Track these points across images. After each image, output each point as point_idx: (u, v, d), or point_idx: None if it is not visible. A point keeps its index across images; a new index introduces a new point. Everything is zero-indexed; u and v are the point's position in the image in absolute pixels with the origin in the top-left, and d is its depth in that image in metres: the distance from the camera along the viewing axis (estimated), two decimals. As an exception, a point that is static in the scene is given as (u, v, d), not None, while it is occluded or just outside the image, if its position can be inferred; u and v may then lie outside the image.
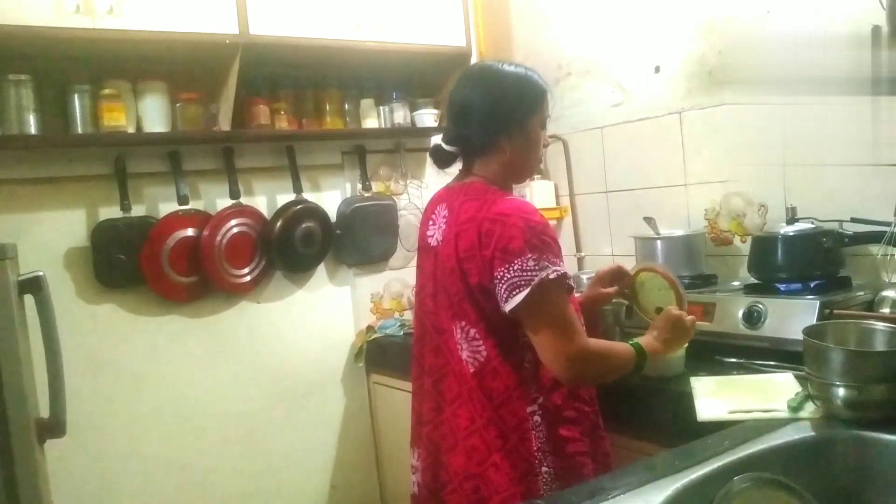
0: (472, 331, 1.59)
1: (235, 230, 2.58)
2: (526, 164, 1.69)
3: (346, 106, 2.84)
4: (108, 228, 2.38)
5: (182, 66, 2.48)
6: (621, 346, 1.63)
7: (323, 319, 2.87)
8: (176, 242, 2.47)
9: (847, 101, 2.02)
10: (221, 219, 2.55)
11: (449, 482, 1.64)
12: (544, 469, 1.58)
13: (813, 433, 1.35)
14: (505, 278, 1.49)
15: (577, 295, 1.78)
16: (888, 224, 1.88)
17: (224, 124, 2.50)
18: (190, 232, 2.50)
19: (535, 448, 1.58)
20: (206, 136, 2.54)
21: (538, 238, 1.50)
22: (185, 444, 2.54)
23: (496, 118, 1.62)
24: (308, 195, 2.77)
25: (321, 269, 2.87)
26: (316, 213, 2.77)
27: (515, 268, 1.48)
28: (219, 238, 2.53)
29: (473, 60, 3.03)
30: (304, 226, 2.72)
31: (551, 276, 1.48)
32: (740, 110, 2.34)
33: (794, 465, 1.28)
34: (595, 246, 2.93)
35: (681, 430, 1.53)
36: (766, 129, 2.27)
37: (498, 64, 1.70)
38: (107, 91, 2.30)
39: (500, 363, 1.58)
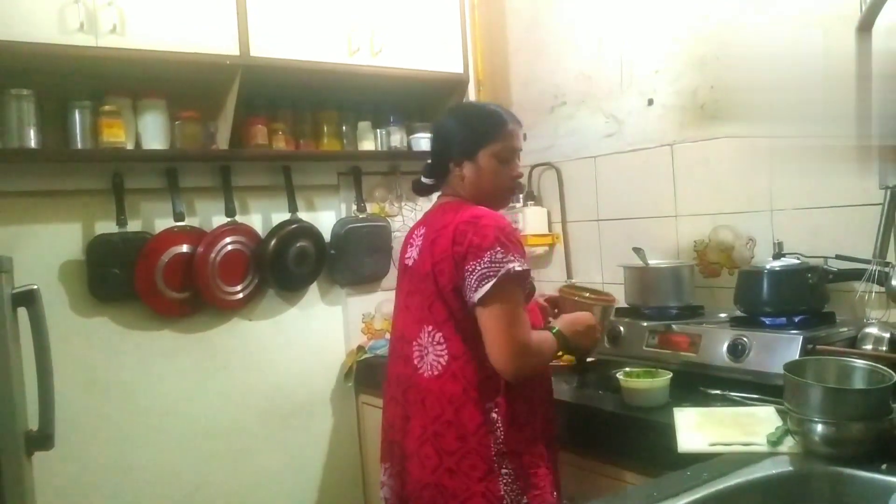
0: (438, 334, 1.71)
1: (230, 247, 2.61)
2: (488, 192, 1.81)
3: (344, 128, 2.88)
4: (104, 243, 2.40)
5: (182, 85, 2.51)
6: (548, 335, 1.75)
7: (314, 338, 2.89)
8: (170, 258, 2.49)
9: (833, 139, 2.05)
10: (216, 236, 2.58)
11: (411, 493, 1.71)
12: (504, 471, 1.65)
13: (791, 468, 1.37)
14: (476, 270, 1.62)
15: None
16: (870, 262, 1.91)
17: (222, 143, 2.53)
18: (185, 248, 2.52)
19: (493, 452, 1.65)
20: (204, 155, 2.57)
21: (506, 237, 1.65)
22: (173, 459, 2.55)
23: (447, 148, 1.83)
24: (303, 214, 2.80)
25: (314, 288, 2.89)
26: (310, 232, 2.80)
27: (486, 260, 1.61)
28: (213, 255, 2.55)
29: (471, 87, 3.08)
30: (297, 245, 2.74)
31: (517, 268, 1.62)
32: (731, 144, 2.38)
33: (772, 499, 1.30)
34: (586, 273, 2.96)
35: (663, 461, 1.55)
36: (755, 164, 2.30)
37: (469, 102, 1.90)
38: (107, 107, 2.34)
39: (461, 366, 1.68)
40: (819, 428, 1.37)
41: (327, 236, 2.87)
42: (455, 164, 1.80)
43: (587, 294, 2.07)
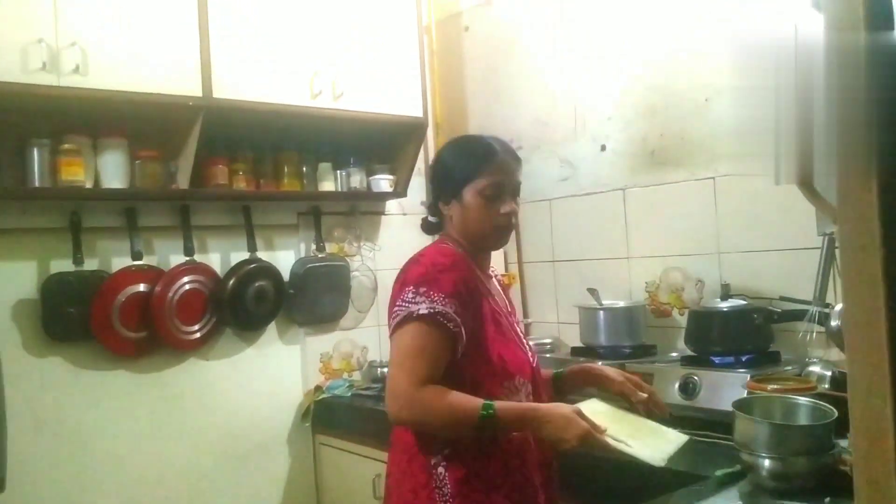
0: None
1: (188, 287, 2.60)
2: (474, 231, 1.66)
3: (304, 168, 2.91)
4: (59, 281, 2.38)
5: (144, 125, 2.52)
6: (466, 407, 1.49)
7: (271, 378, 2.87)
8: (127, 297, 2.47)
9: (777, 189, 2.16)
10: (174, 275, 2.57)
11: None
12: None
13: (740, 503, 1.43)
14: (393, 308, 1.56)
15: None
16: (811, 303, 2.00)
17: (182, 182, 2.54)
18: (142, 287, 2.51)
19: None
20: (164, 194, 2.57)
21: (434, 274, 1.54)
22: (125, 501, 2.50)
23: (437, 187, 1.73)
24: (262, 254, 2.81)
25: (272, 328, 2.89)
26: (269, 271, 2.81)
27: (401, 298, 1.54)
28: (171, 294, 2.54)
29: (429, 131, 3.15)
30: (256, 284, 2.75)
31: (421, 312, 1.50)
32: (679, 189, 2.48)
33: (723, 533, 1.35)
34: (541, 313, 3.02)
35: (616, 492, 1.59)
36: (702, 209, 2.40)
37: (465, 135, 1.87)
38: (66, 146, 2.33)
39: None
40: (766, 463, 1.43)
41: (286, 276, 2.88)
42: (444, 204, 1.70)
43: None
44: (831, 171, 0.60)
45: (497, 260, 3.09)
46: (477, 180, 1.64)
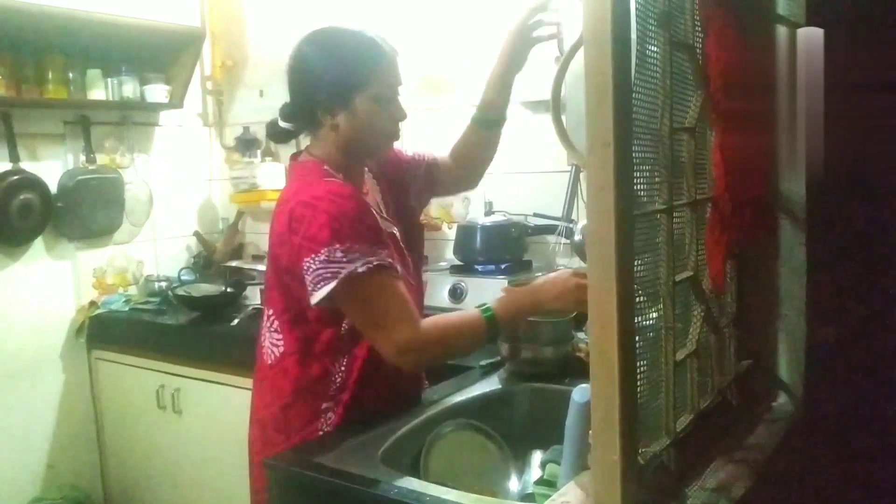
0: (276, 322, 1.53)
1: (-59, 200, 2.41)
2: (362, 144, 1.52)
3: (71, 75, 2.74)
4: None
5: None
6: (468, 319, 1.49)
7: (41, 295, 2.76)
8: None
9: (534, 118, 2.46)
10: (-75, 187, 2.37)
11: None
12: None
13: (500, 387, 1.71)
14: (311, 269, 1.38)
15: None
16: (560, 219, 2.35)
17: (-70, 85, 2.32)
18: None
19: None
20: None
21: (350, 227, 1.38)
22: None
23: (312, 93, 1.48)
24: (26, 165, 2.65)
25: (39, 243, 2.75)
26: (35, 183, 2.66)
27: (321, 258, 1.37)
28: (-79, 208, 2.35)
29: (206, 41, 3.08)
30: (21, 197, 2.60)
31: (360, 270, 1.36)
32: (447, 115, 2.70)
33: (486, 412, 1.62)
34: (321, 226, 3.16)
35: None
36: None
37: (335, 29, 1.53)
38: None
39: (294, 363, 1.51)
40: (521, 353, 1.72)
41: (54, 188, 2.74)
42: (325, 113, 1.48)
43: None
44: (583, 131, 0.82)
45: (277, 176, 3.15)
46: (370, 86, 1.46)
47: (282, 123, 1.57)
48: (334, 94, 1.46)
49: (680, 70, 1.02)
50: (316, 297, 1.38)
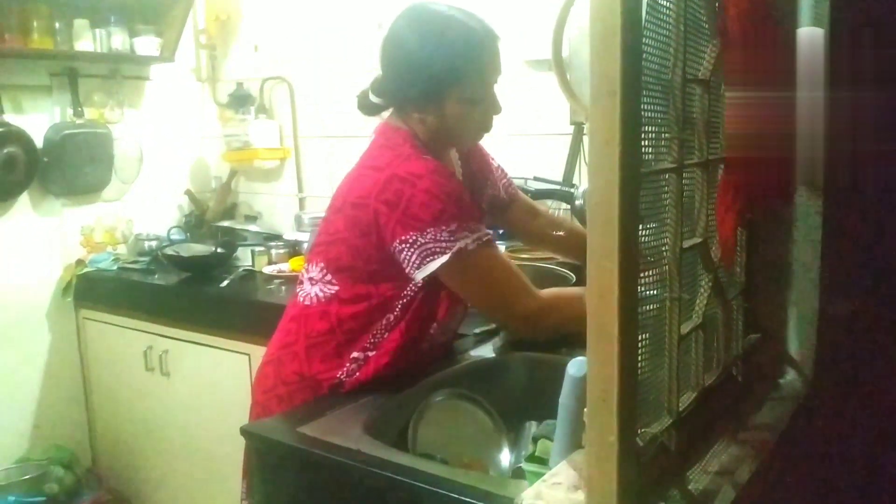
0: (330, 275, 1.46)
1: (-79, 151, 2.32)
2: (448, 138, 1.49)
3: (57, 24, 2.64)
4: None
5: None
6: (579, 293, 1.49)
7: (26, 252, 2.70)
8: None
9: (536, 77, 2.36)
10: None
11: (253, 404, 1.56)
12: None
13: (494, 355, 1.65)
14: (418, 243, 1.35)
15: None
16: (560, 184, 2.26)
17: None
18: None
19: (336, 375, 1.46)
20: None
21: (455, 205, 1.36)
22: None
23: (408, 91, 1.43)
24: (10, 117, 2.57)
25: (24, 198, 2.68)
26: (19, 137, 2.58)
27: (429, 236, 1.34)
28: None
29: (200, -8, 2.97)
30: (5, 150, 2.53)
31: (470, 247, 1.36)
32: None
33: (480, 381, 1.56)
34: (317, 188, 3.08)
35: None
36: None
37: (435, 13, 1.43)
38: None
39: (339, 307, 1.45)
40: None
41: (40, 142, 2.66)
42: (414, 109, 1.43)
43: None
44: (587, 80, 0.73)
45: (271, 134, 3.07)
46: (464, 86, 1.41)
47: (373, 98, 1.50)
48: (426, 92, 1.41)
49: (694, 16, 0.92)
50: (424, 272, 1.37)
